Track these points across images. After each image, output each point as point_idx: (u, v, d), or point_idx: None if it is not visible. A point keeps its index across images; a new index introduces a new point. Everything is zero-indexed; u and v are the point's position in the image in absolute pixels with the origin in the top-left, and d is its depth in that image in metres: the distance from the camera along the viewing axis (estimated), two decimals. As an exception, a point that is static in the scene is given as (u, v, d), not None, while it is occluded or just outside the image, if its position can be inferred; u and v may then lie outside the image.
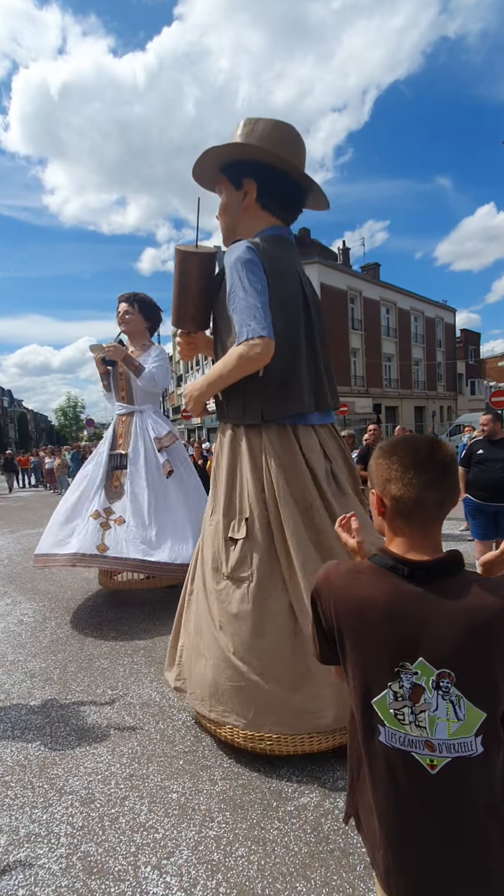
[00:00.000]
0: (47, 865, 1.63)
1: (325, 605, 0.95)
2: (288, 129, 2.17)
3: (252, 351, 1.97)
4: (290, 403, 2.11)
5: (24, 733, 2.41)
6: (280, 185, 2.17)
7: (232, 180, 2.23)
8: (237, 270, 2.03)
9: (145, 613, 4.10)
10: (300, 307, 2.16)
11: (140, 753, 2.21)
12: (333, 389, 2.33)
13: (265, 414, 2.11)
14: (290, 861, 1.61)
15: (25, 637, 3.70)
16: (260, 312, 1.98)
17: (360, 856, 1.61)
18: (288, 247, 2.24)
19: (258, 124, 2.14)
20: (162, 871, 1.59)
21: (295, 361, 2.11)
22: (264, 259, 2.06)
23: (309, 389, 2.16)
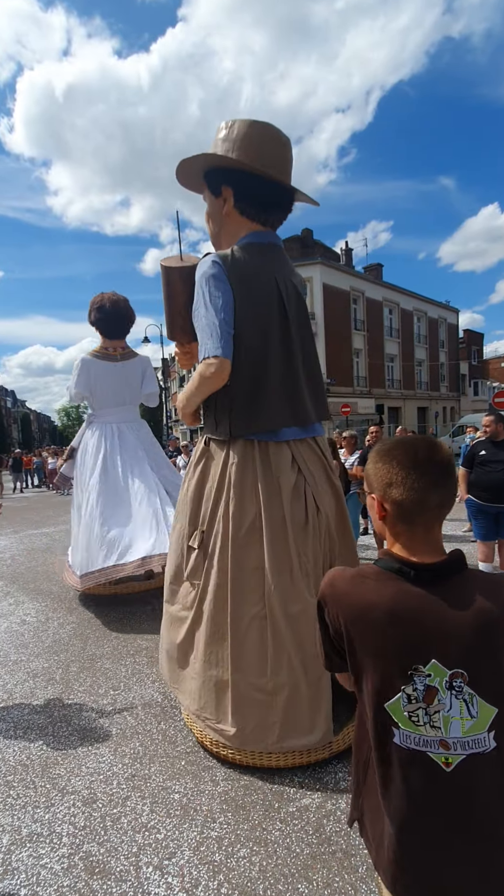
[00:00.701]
0: (49, 865, 1.64)
1: (332, 612, 0.95)
2: (262, 130, 2.09)
3: (207, 371, 1.98)
4: (257, 420, 2.07)
5: (26, 733, 2.42)
6: (256, 189, 2.10)
7: (211, 188, 2.21)
8: (201, 286, 2.03)
9: (148, 614, 4.10)
10: (274, 317, 2.09)
11: (142, 754, 2.21)
12: (320, 401, 2.25)
13: (233, 430, 2.09)
14: (291, 862, 1.61)
15: (28, 637, 3.70)
16: (217, 331, 1.96)
17: (363, 857, 1.61)
18: (267, 253, 2.16)
19: (234, 126, 2.08)
20: (164, 871, 1.59)
21: (263, 376, 2.06)
22: (232, 271, 2.03)
23: (282, 404, 2.09)
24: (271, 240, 2.21)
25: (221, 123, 2.14)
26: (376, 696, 0.89)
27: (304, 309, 2.24)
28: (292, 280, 2.21)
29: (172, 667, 2.30)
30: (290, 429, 2.13)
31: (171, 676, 2.32)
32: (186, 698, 2.20)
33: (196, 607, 2.17)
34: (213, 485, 2.15)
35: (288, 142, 2.16)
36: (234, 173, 2.11)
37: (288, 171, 2.16)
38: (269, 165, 2.06)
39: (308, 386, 2.18)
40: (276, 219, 2.23)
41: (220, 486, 2.13)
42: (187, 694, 2.19)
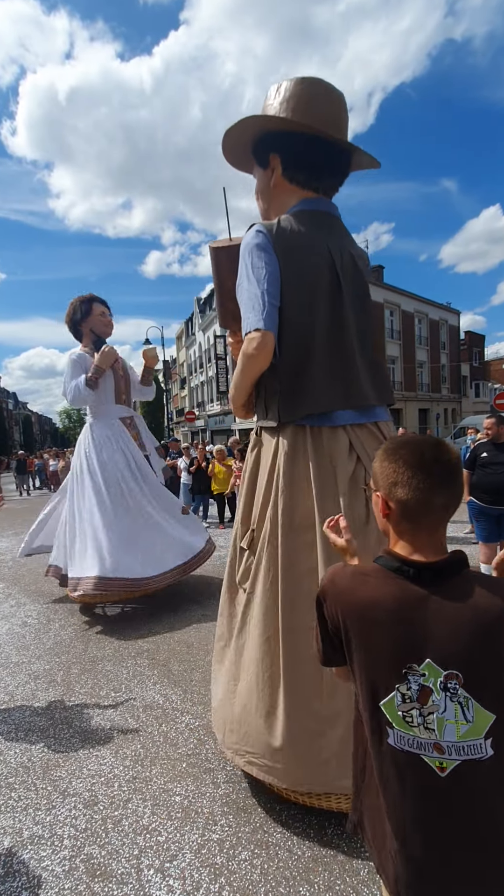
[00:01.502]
0: (50, 868, 1.63)
1: (331, 608, 0.95)
2: (312, 86, 1.89)
3: (249, 347, 1.80)
4: (304, 402, 1.86)
5: (27, 735, 2.42)
6: (306, 152, 1.91)
7: (259, 160, 2.04)
8: (244, 259, 1.87)
9: (149, 615, 4.10)
10: (324, 290, 1.88)
11: (143, 756, 2.21)
12: (380, 382, 2.00)
13: (281, 414, 1.89)
14: (293, 865, 1.60)
15: (29, 639, 3.70)
16: (259, 302, 1.79)
17: (364, 860, 1.60)
18: (320, 221, 1.95)
19: (281, 88, 1.91)
20: (165, 874, 1.59)
21: (310, 352, 1.86)
22: (279, 240, 1.85)
23: (331, 383, 1.87)
24: (325, 208, 2.00)
25: (271, 89, 1.97)
26: (372, 693, 0.89)
27: (362, 282, 2.00)
28: (350, 250, 1.98)
29: (213, 689, 2.10)
30: (346, 412, 1.90)
31: (213, 702, 2.08)
32: (222, 728, 1.95)
33: (242, 617, 1.95)
34: (263, 479, 1.96)
35: (341, 97, 1.95)
36: (281, 138, 1.93)
37: (343, 128, 1.95)
38: (321, 123, 1.86)
39: (365, 365, 1.95)
40: (329, 184, 2.02)
41: (269, 479, 1.94)
42: (224, 722, 1.94)
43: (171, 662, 3.17)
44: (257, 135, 1.99)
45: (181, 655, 3.27)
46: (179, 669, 3.06)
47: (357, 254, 2.03)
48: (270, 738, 1.75)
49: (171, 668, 3.09)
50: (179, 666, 3.11)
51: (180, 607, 4.27)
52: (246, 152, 2.07)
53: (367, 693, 0.90)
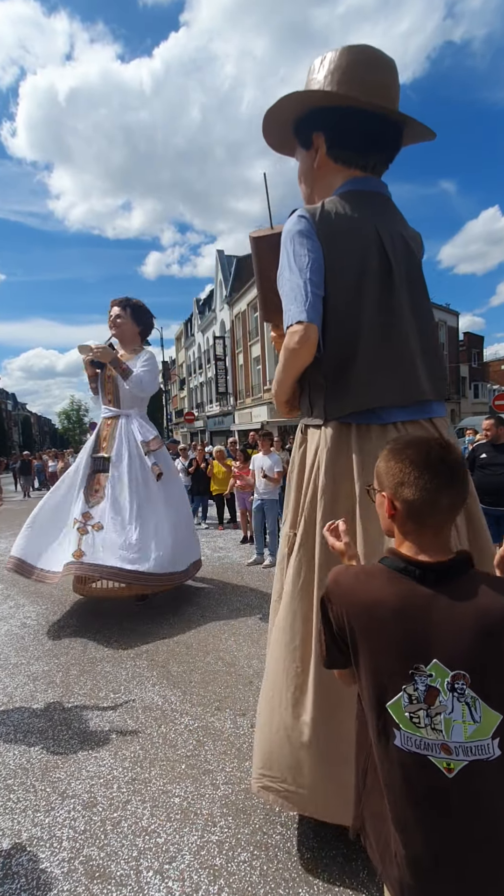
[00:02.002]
0: (49, 869, 1.63)
1: (337, 609, 0.95)
2: (358, 54, 1.75)
3: (292, 341, 1.68)
4: (350, 399, 1.71)
5: (26, 736, 2.41)
6: (353, 126, 1.76)
7: (302, 141, 1.90)
8: (285, 247, 1.75)
9: (149, 617, 4.09)
10: (373, 276, 1.73)
11: (142, 757, 2.20)
12: (436, 375, 1.82)
13: (327, 411, 1.75)
14: (292, 867, 1.60)
15: (28, 640, 3.70)
16: (302, 293, 1.67)
17: (363, 861, 1.60)
18: (368, 201, 1.80)
19: (325, 60, 1.76)
20: (164, 875, 1.59)
21: (356, 344, 1.71)
22: (322, 225, 1.72)
23: (382, 377, 1.71)
24: (373, 187, 1.85)
25: (315, 61, 1.82)
26: (378, 695, 0.88)
27: (416, 267, 1.85)
28: (402, 233, 1.82)
29: (259, 711, 1.86)
30: (397, 409, 1.73)
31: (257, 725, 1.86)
32: (258, 758, 1.74)
33: (283, 631, 1.76)
34: (307, 480, 1.83)
35: (392, 63, 1.80)
36: (325, 114, 1.79)
37: (394, 97, 1.79)
38: (369, 93, 1.70)
39: (421, 357, 1.77)
40: (377, 160, 1.85)
41: (312, 482, 1.81)
42: (260, 752, 1.73)
43: (170, 664, 3.16)
44: (300, 113, 1.85)
45: (180, 657, 3.27)
46: (179, 671, 3.06)
47: (410, 235, 1.88)
48: (298, 770, 1.60)
49: (170, 669, 3.09)
50: (179, 667, 3.11)
51: (179, 608, 4.26)
52: (287, 133, 1.94)
53: (373, 694, 0.89)
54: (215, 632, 3.68)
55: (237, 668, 3.05)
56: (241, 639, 3.53)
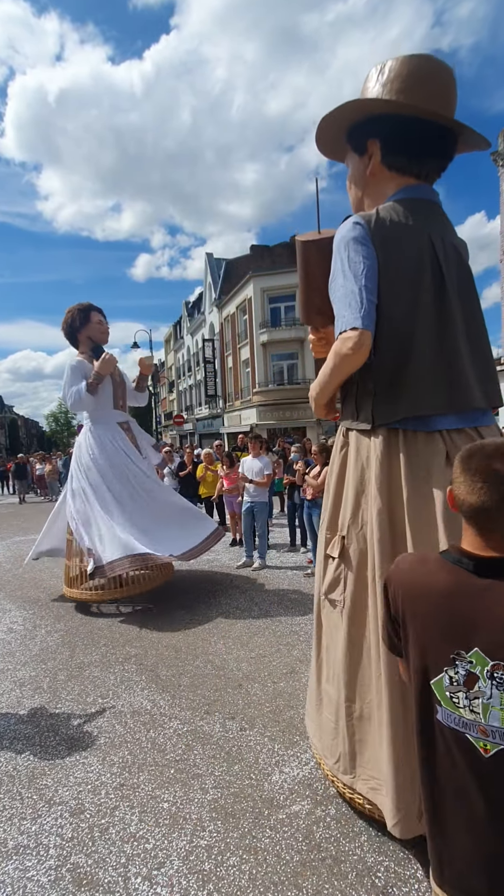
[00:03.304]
0: (36, 878, 1.61)
1: (393, 591, 1.02)
2: (419, 63, 1.77)
3: (344, 346, 1.69)
4: (401, 404, 1.73)
5: (12, 743, 2.38)
6: (410, 134, 1.79)
7: (355, 147, 1.93)
8: (339, 252, 1.77)
9: (137, 620, 4.07)
10: (427, 284, 1.76)
11: (131, 762, 2.19)
12: (490, 383, 1.83)
13: (376, 417, 1.76)
14: (281, 870, 1.60)
15: (15, 645, 3.65)
16: (357, 300, 1.68)
17: (352, 864, 1.61)
18: (422, 210, 1.83)
19: (385, 68, 1.79)
20: (152, 881, 1.58)
21: (410, 351, 1.73)
22: (377, 232, 1.75)
23: (434, 385, 1.73)
24: (426, 195, 1.88)
25: (372, 70, 1.85)
26: (423, 671, 0.95)
27: (467, 275, 1.88)
28: (453, 241, 1.86)
29: (310, 708, 2.02)
30: (445, 417, 1.74)
31: (309, 721, 2.04)
32: (326, 752, 1.88)
33: (347, 632, 1.80)
34: (354, 483, 1.84)
35: (451, 73, 1.81)
36: (382, 121, 1.81)
37: (452, 106, 1.81)
38: (428, 102, 1.73)
39: (473, 364, 1.79)
40: (432, 168, 1.88)
41: (361, 484, 1.82)
42: (325, 746, 1.88)
43: (159, 667, 3.15)
44: (356, 120, 1.87)
45: (169, 660, 3.25)
46: (168, 674, 3.04)
47: (459, 244, 1.91)
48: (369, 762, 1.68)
49: (159, 673, 3.07)
50: (167, 671, 3.09)
51: (168, 612, 4.24)
52: (340, 139, 1.96)
53: (419, 671, 0.96)
54: (204, 635, 3.67)
55: (226, 672, 3.04)
56: (231, 642, 3.52)
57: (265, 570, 5.53)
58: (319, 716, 1.96)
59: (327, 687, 1.92)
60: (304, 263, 2.12)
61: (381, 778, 1.66)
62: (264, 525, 5.84)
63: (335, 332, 1.77)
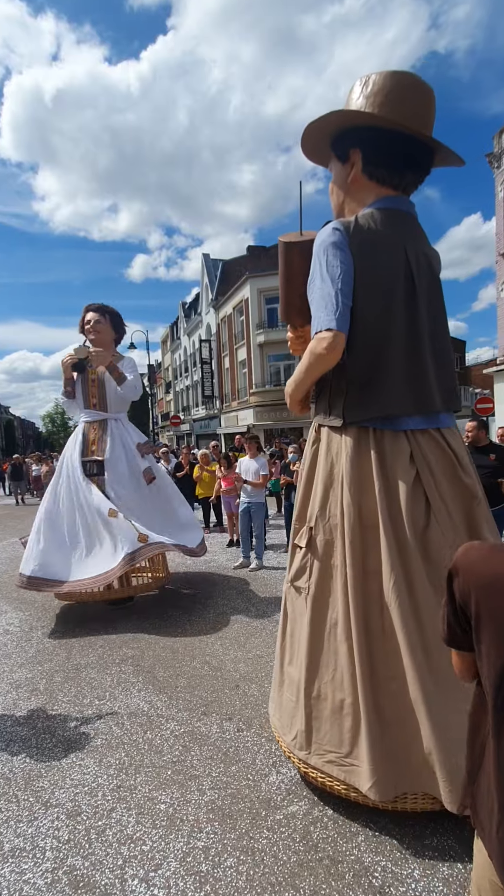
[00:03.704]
0: (32, 881, 1.60)
1: (463, 582, 0.96)
2: (401, 79, 1.85)
3: (319, 346, 1.79)
4: (373, 405, 1.85)
5: (8, 745, 2.37)
6: (390, 147, 1.87)
7: (339, 154, 2.01)
8: (318, 256, 1.86)
9: (134, 622, 4.06)
10: (399, 292, 1.86)
11: (127, 764, 2.18)
12: (449, 389, 1.99)
13: (347, 415, 1.88)
14: (278, 871, 1.60)
15: (11, 647, 3.64)
16: (332, 302, 1.78)
17: (349, 864, 1.61)
18: (398, 220, 1.92)
19: (369, 81, 1.87)
20: (149, 883, 1.57)
21: (383, 355, 1.84)
22: (355, 238, 1.84)
23: (403, 388, 1.86)
24: (403, 206, 1.97)
25: (356, 82, 1.92)
26: (501, 668, 0.89)
27: (436, 285, 2.00)
28: (425, 252, 1.97)
29: (273, 690, 2.17)
30: (411, 418, 1.90)
31: (271, 703, 2.20)
32: (284, 729, 2.01)
33: (311, 617, 1.92)
34: (323, 477, 1.96)
35: (430, 91, 1.90)
36: (365, 132, 1.89)
37: (430, 124, 1.90)
38: (408, 118, 1.82)
39: (436, 371, 1.93)
40: (410, 181, 1.98)
41: (329, 477, 1.94)
42: (284, 724, 2.02)
43: (156, 669, 3.14)
44: (340, 128, 1.95)
45: (166, 661, 3.25)
46: (165, 676, 3.04)
47: (431, 254, 2.01)
48: (350, 741, 1.77)
49: (156, 674, 3.06)
50: (164, 672, 3.09)
51: (165, 613, 4.24)
52: (324, 145, 2.04)
53: (496, 668, 0.90)
54: (201, 636, 3.67)
55: (223, 673, 3.04)
56: (228, 643, 3.52)
57: (262, 571, 5.52)
58: (280, 696, 2.08)
59: (290, 669, 2.04)
60: (285, 264, 2.18)
61: (340, 752, 1.79)
62: (261, 526, 5.84)
63: (311, 332, 1.86)
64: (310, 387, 2.00)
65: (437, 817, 1.78)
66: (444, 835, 1.71)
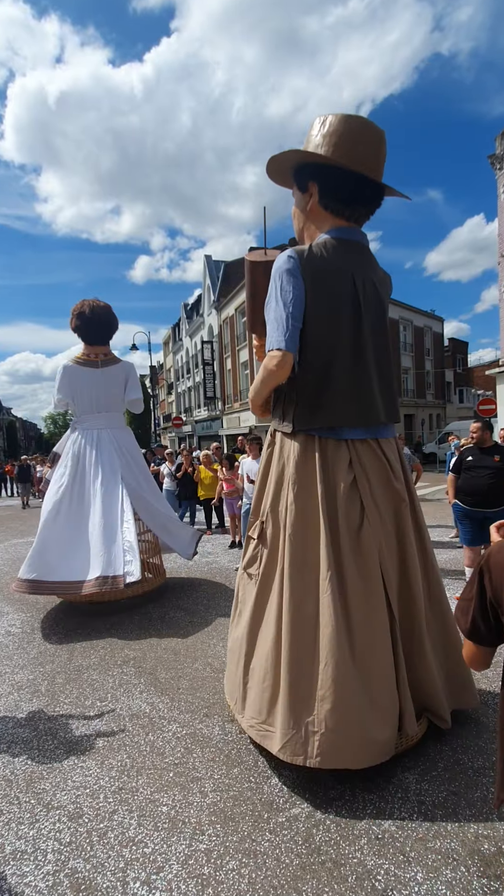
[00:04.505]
0: (34, 883, 1.60)
1: (497, 577, 0.96)
2: (355, 125, 2.04)
3: (271, 363, 2.01)
4: (318, 415, 2.08)
5: (10, 747, 2.37)
6: (342, 185, 2.09)
7: (299, 184, 2.23)
8: (274, 280, 2.06)
9: (135, 624, 4.06)
10: (346, 316, 2.07)
11: (129, 766, 2.18)
12: (390, 403, 2.21)
13: (296, 423, 2.11)
14: (281, 874, 1.59)
15: (13, 648, 3.64)
16: (283, 324, 1.98)
17: (352, 867, 1.60)
18: (348, 249, 2.12)
19: (326, 122, 2.07)
20: (151, 886, 1.56)
21: (329, 372, 2.06)
22: (307, 266, 2.04)
23: (346, 402, 2.08)
24: (354, 237, 2.18)
25: (315, 120, 2.12)
26: None
27: (381, 310, 2.19)
28: (373, 279, 2.16)
29: (229, 666, 2.39)
30: (353, 429, 2.12)
31: (227, 677, 2.44)
32: (231, 698, 2.31)
33: (254, 601, 2.19)
34: (274, 477, 2.19)
35: (381, 135, 2.10)
36: (321, 169, 2.10)
37: (379, 167, 2.11)
38: (360, 162, 2.03)
39: (378, 387, 2.15)
40: (361, 213, 2.19)
41: (279, 478, 2.16)
42: (232, 693, 2.30)
43: (157, 670, 3.14)
44: (300, 162, 2.16)
45: (168, 663, 3.24)
46: (166, 677, 3.03)
47: (379, 280, 2.19)
48: (267, 710, 2.03)
49: (157, 676, 3.06)
50: (166, 674, 3.08)
51: (167, 615, 4.23)
52: (287, 174, 2.25)
53: None
54: (203, 637, 3.66)
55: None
56: (230, 644, 3.51)
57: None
58: (229, 668, 2.40)
59: (234, 645, 2.33)
60: (251, 281, 2.42)
61: (259, 718, 2.06)
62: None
63: (265, 348, 2.06)
64: (267, 395, 2.21)
65: (441, 820, 1.77)
66: (447, 838, 1.70)
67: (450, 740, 2.23)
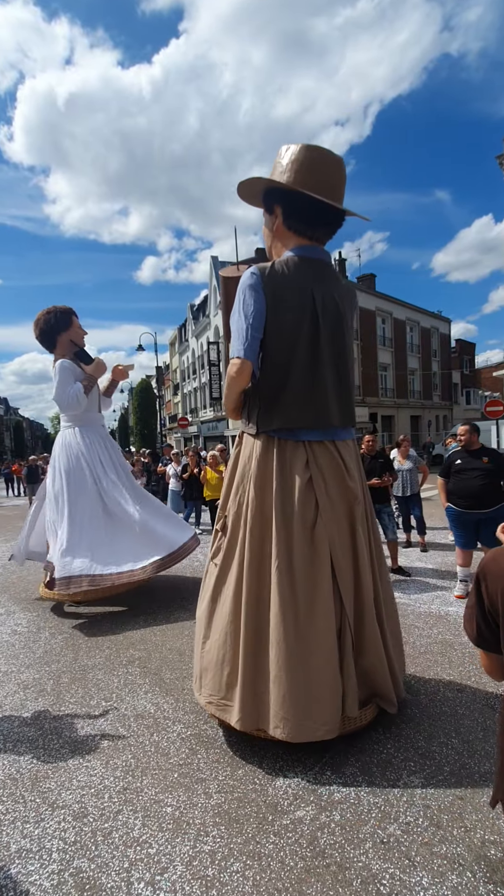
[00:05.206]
0: (39, 882, 1.60)
1: (492, 585, 0.97)
2: (315, 154, 2.23)
3: (231, 370, 2.22)
4: (276, 418, 2.25)
5: (16, 746, 2.38)
6: (305, 209, 2.26)
7: (266, 206, 2.42)
8: (239, 294, 2.24)
9: (141, 624, 4.07)
10: (304, 328, 2.22)
11: (134, 766, 2.18)
12: (346, 408, 2.35)
13: (258, 425, 2.29)
14: (285, 876, 1.59)
15: (18, 648, 3.66)
16: (244, 335, 2.17)
17: (357, 871, 1.59)
18: (309, 266, 2.28)
19: (289, 151, 2.25)
20: (156, 887, 1.57)
21: (286, 379, 2.23)
22: (269, 282, 2.21)
23: (302, 407, 2.23)
24: (315, 255, 2.34)
25: (281, 148, 2.32)
26: None
27: (340, 322, 2.33)
28: (333, 294, 2.31)
29: (196, 645, 2.51)
30: (310, 431, 2.27)
31: (196, 656, 2.55)
32: (196, 680, 2.43)
33: (212, 587, 2.39)
34: (238, 474, 2.37)
35: (340, 163, 2.29)
36: (284, 194, 2.29)
37: (339, 193, 2.28)
38: (319, 189, 2.20)
39: (335, 393, 2.30)
40: (323, 233, 2.36)
41: (242, 476, 2.34)
42: (198, 675, 2.42)
43: (163, 671, 3.14)
44: (267, 187, 2.36)
45: (173, 664, 3.25)
46: (171, 678, 3.03)
47: (340, 295, 2.34)
48: (230, 685, 2.23)
49: (162, 676, 3.06)
50: (171, 674, 3.08)
51: (172, 615, 4.24)
52: (258, 196, 2.46)
53: None
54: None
55: (230, 675, 3.03)
56: (235, 645, 3.51)
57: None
58: (194, 651, 2.54)
59: (196, 629, 2.51)
60: (225, 295, 2.65)
61: (217, 695, 2.26)
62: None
63: (229, 356, 2.24)
64: (236, 399, 2.39)
65: (446, 825, 1.76)
66: (453, 843, 1.69)
67: (456, 744, 2.21)
